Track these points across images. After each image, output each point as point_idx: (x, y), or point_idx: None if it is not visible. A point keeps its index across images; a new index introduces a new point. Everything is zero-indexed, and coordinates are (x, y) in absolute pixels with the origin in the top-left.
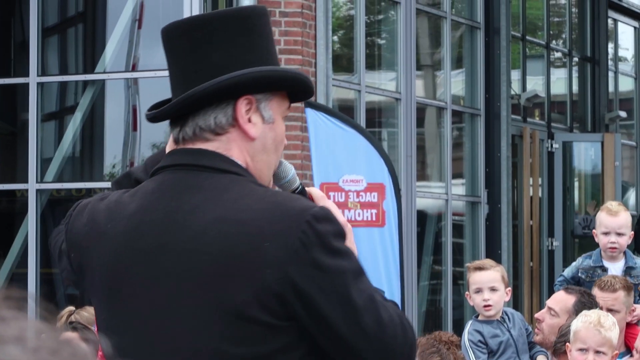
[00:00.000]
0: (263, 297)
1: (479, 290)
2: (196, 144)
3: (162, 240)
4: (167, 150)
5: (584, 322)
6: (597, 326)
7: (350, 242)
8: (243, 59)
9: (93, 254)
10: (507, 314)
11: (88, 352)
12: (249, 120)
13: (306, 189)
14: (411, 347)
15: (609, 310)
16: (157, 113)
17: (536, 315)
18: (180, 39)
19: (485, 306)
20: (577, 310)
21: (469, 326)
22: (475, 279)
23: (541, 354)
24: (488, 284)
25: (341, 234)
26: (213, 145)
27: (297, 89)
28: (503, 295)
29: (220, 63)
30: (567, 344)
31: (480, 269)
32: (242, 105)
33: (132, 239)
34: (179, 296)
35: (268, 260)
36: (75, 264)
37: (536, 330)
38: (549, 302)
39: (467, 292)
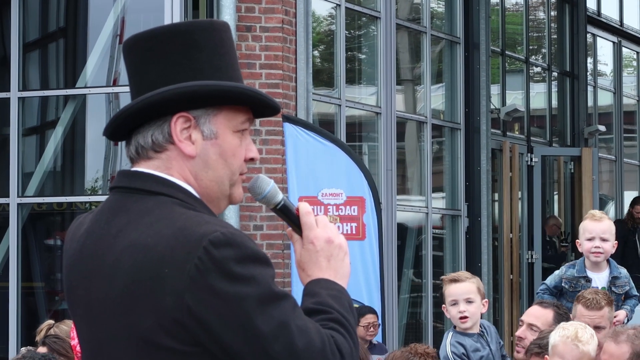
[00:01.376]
0: (166, 323)
1: (454, 303)
2: (140, 163)
3: (92, 265)
4: None
5: (561, 337)
6: (575, 341)
7: (346, 256)
8: (177, 75)
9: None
10: (484, 327)
11: None
12: (190, 138)
13: (297, 203)
14: None
15: (596, 327)
16: (103, 131)
17: (517, 333)
18: (130, 53)
19: (461, 318)
20: (557, 323)
21: (449, 337)
22: (451, 291)
23: None
24: (463, 295)
25: (248, 259)
26: (154, 164)
27: (243, 102)
28: (479, 306)
29: (155, 80)
30: (546, 356)
31: (455, 281)
32: (177, 122)
33: (76, 261)
34: (102, 323)
35: (167, 287)
36: None
37: (517, 348)
38: (528, 319)
39: (443, 305)
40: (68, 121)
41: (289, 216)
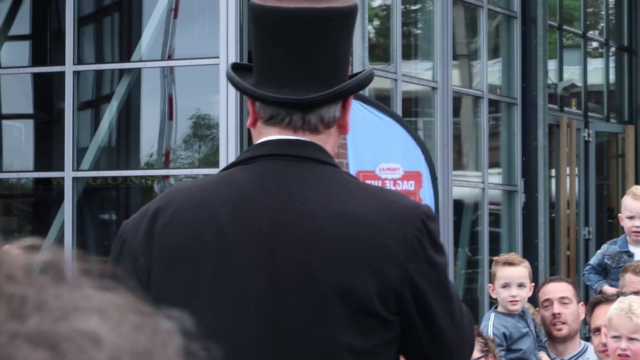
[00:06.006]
0: (384, 293)
1: (506, 286)
2: (305, 134)
3: (276, 230)
4: (256, 130)
5: (616, 310)
6: (629, 313)
7: None
8: (348, 58)
9: (184, 245)
10: (523, 309)
11: (171, 329)
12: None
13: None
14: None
15: None
16: (319, 97)
17: (554, 311)
18: (320, 26)
19: (511, 301)
20: (576, 290)
21: (492, 319)
22: (504, 274)
23: (542, 349)
24: (517, 280)
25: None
26: (318, 138)
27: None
28: (528, 291)
29: (340, 57)
30: (604, 330)
31: (509, 264)
32: (348, 106)
33: (241, 227)
34: (295, 288)
35: (390, 258)
36: (145, 268)
37: (557, 327)
38: (554, 295)
39: (489, 285)
40: (123, 95)
41: None
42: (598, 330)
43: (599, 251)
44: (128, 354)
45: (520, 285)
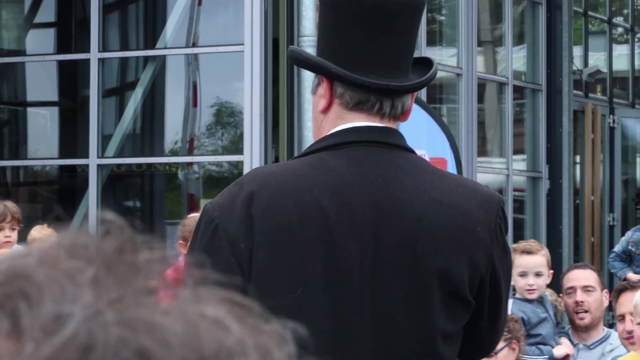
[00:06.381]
0: (472, 278)
1: (524, 274)
2: (390, 122)
3: (379, 217)
4: (330, 113)
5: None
6: None
7: None
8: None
9: (286, 229)
10: (542, 295)
11: (285, 333)
12: None
13: None
14: None
15: None
16: (417, 84)
17: (577, 299)
18: (407, 15)
19: (528, 290)
20: (600, 278)
21: (510, 305)
22: (522, 262)
23: (563, 335)
24: (534, 269)
25: None
26: (396, 125)
27: None
28: (546, 279)
29: (414, 45)
30: (630, 317)
31: (527, 252)
32: (415, 93)
33: (344, 213)
34: (398, 274)
35: (480, 245)
36: (246, 251)
37: (580, 315)
38: (577, 283)
39: None
40: (148, 82)
41: None
42: (622, 317)
43: (623, 238)
44: (251, 347)
45: (538, 274)
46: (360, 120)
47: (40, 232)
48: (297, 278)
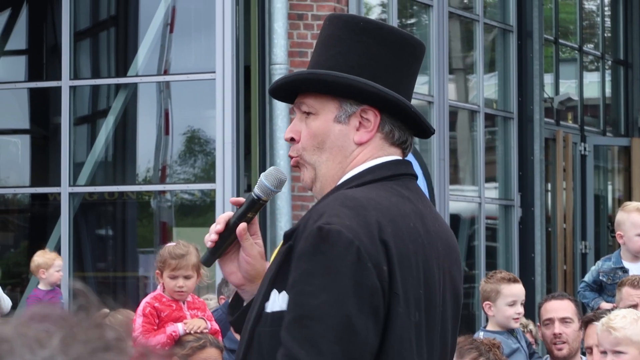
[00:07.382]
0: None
1: (513, 303)
2: (405, 152)
3: (444, 247)
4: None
5: (600, 325)
6: (609, 327)
7: None
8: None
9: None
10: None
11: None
12: None
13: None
14: None
15: None
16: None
17: (555, 331)
18: (422, 56)
19: (516, 319)
20: (578, 309)
21: (481, 337)
22: (513, 291)
23: None
24: (522, 297)
25: None
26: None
27: None
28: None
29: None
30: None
31: (515, 281)
32: None
33: (430, 242)
34: (450, 300)
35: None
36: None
37: (558, 347)
38: (555, 314)
39: (487, 302)
40: (119, 110)
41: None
42: (591, 349)
43: (593, 268)
44: None
45: (521, 303)
46: (397, 155)
47: (43, 256)
48: (416, 303)
